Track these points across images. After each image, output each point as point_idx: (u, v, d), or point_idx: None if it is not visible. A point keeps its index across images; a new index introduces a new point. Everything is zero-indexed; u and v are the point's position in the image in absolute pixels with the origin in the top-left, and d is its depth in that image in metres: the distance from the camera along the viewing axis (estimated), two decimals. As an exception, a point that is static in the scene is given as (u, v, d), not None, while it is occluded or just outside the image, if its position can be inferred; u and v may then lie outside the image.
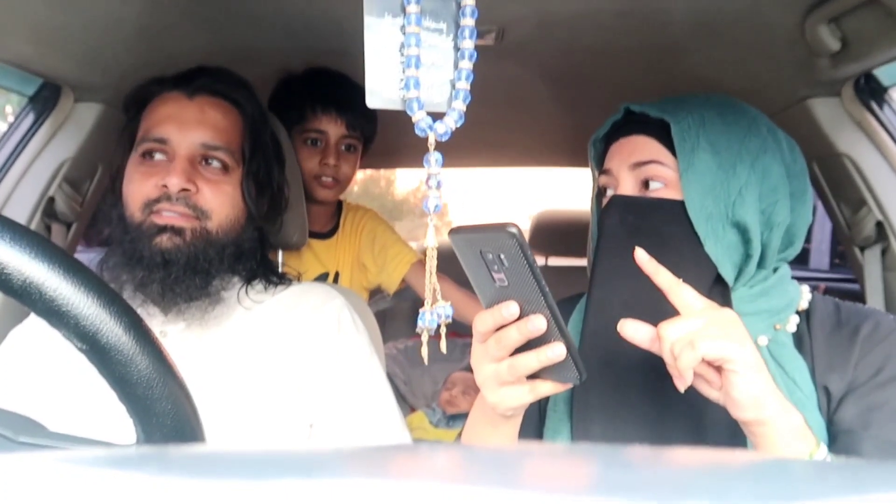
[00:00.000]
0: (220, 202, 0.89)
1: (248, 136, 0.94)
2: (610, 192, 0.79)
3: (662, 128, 0.75)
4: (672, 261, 0.73)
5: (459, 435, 0.84)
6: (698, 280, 0.72)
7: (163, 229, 0.85)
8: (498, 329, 0.59)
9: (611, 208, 0.77)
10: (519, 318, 0.58)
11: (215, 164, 0.90)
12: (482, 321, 0.60)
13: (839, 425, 0.69)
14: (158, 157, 0.88)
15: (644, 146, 0.76)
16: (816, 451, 0.61)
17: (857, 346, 0.71)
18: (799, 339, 0.76)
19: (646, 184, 0.76)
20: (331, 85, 1.34)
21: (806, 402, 0.71)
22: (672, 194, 0.74)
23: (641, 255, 0.61)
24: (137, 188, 0.86)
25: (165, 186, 0.85)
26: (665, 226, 0.74)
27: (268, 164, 0.97)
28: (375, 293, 1.87)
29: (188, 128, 0.88)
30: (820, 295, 0.80)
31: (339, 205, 1.55)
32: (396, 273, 1.52)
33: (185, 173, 0.86)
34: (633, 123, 0.79)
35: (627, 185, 0.77)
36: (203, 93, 0.91)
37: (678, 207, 0.73)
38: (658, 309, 0.71)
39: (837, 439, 0.68)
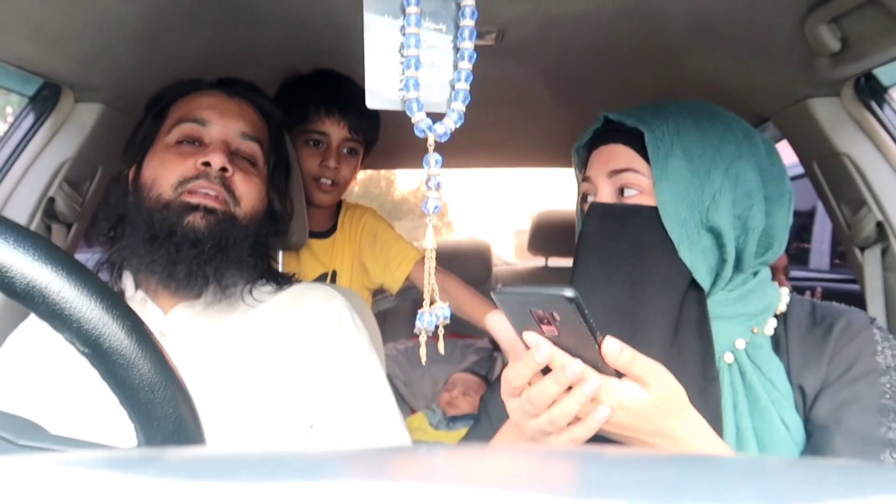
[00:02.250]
0: (249, 191, 0.92)
1: (274, 147, 0.99)
2: (591, 199, 0.81)
3: (638, 136, 0.76)
4: (647, 266, 0.74)
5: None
6: (673, 284, 0.74)
7: (195, 208, 0.86)
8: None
9: (590, 215, 0.79)
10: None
11: (247, 156, 0.94)
12: (517, 375, 0.60)
13: (814, 421, 0.71)
14: (193, 144, 0.91)
15: (620, 154, 0.78)
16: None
17: (830, 344, 0.73)
18: (776, 342, 0.77)
19: (622, 191, 0.78)
20: (336, 87, 1.34)
21: (783, 401, 0.72)
22: (647, 201, 0.76)
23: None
24: (172, 168, 0.88)
25: (206, 165, 0.87)
26: (641, 232, 0.75)
27: (286, 173, 1.04)
28: (378, 293, 1.87)
29: (229, 116, 0.93)
30: (798, 297, 0.82)
31: (337, 203, 1.54)
32: (400, 272, 1.51)
33: (226, 153, 0.89)
34: (611, 132, 0.80)
35: (605, 193, 0.79)
36: (241, 96, 0.97)
37: (653, 214, 0.74)
38: (635, 314, 0.72)
39: (812, 436, 0.70)
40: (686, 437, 0.62)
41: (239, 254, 0.89)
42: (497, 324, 0.62)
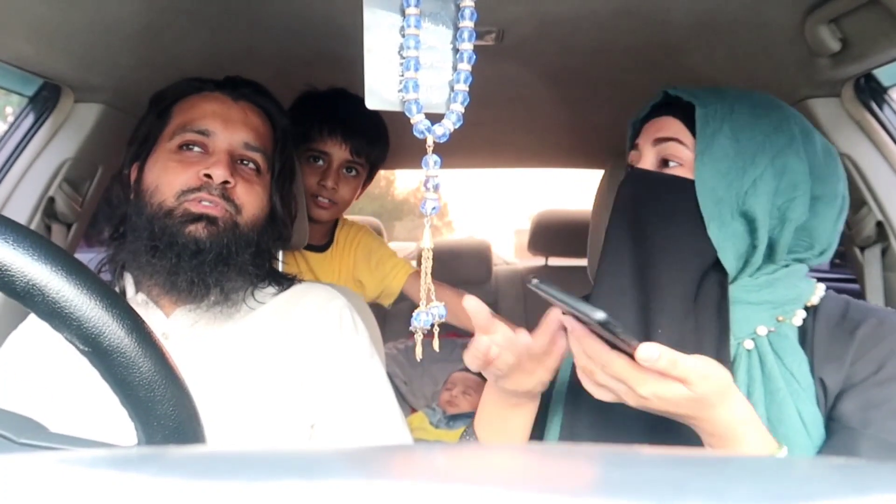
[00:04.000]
0: (252, 200, 0.91)
1: (280, 151, 0.98)
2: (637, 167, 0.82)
3: (691, 111, 0.77)
4: (674, 237, 0.75)
5: (465, 432, 0.85)
6: (694, 259, 0.74)
7: (198, 218, 0.86)
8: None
9: (626, 181, 0.81)
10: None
11: (250, 164, 0.93)
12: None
13: (838, 421, 0.70)
14: (196, 149, 0.91)
15: (668, 125, 0.79)
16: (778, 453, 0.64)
17: (854, 342, 0.72)
18: (803, 334, 0.76)
19: (665, 162, 0.78)
20: (342, 108, 1.34)
21: (802, 394, 0.71)
22: (687, 174, 0.76)
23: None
24: (174, 176, 0.88)
25: (208, 177, 0.87)
26: (673, 202, 0.76)
27: (291, 177, 1.03)
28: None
29: (233, 126, 0.92)
30: (834, 293, 0.80)
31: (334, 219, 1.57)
32: (394, 285, 1.54)
33: (229, 166, 0.88)
34: (665, 105, 0.81)
35: (648, 160, 0.80)
36: (246, 99, 0.96)
37: (689, 187, 0.75)
38: (653, 281, 0.73)
39: (836, 435, 0.69)
40: (728, 422, 0.61)
41: (241, 261, 0.89)
42: (474, 307, 0.64)
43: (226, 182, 0.88)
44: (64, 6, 0.95)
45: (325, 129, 1.35)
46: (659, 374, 0.58)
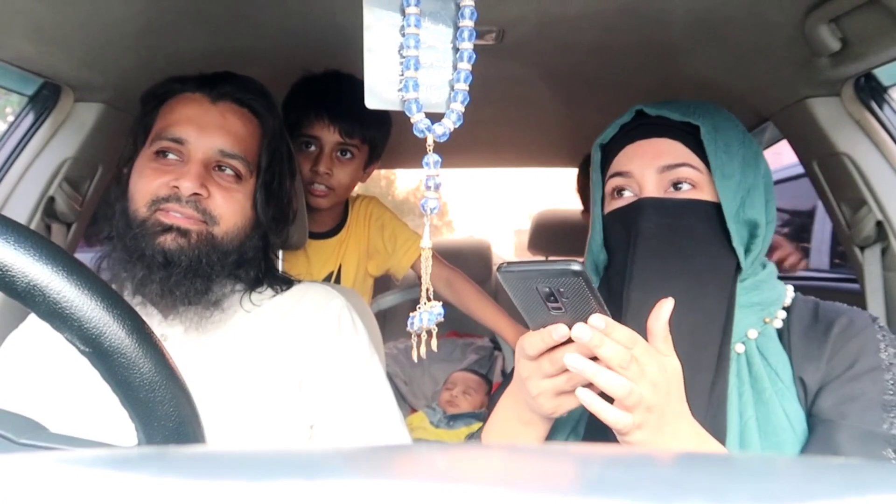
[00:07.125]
0: (230, 209, 0.88)
1: (266, 147, 0.94)
2: (628, 194, 0.80)
3: (684, 131, 0.77)
4: (703, 259, 0.76)
5: (472, 436, 0.84)
6: (724, 275, 0.76)
7: (168, 229, 0.84)
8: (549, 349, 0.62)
9: (644, 211, 0.77)
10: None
11: (229, 171, 0.90)
12: (532, 345, 0.62)
13: (817, 416, 0.72)
14: (172, 156, 0.88)
15: (671, 149, 0.77)
16: None
17: (829, 342, 0.74)
18: (780, 335, 0.79)
19: (675, 185, 0.77)
20: (327, 90, 1.32)
21: (787, 393, 0.74)
22: (700, 195, 0.76)
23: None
24: (146, 184, 0.86)
25: (177, 187, 0.85)
26: (698, 225, 0.76)
27: (281, 175, 0.98)
28: (378, 291, 1.88)
29: (208, 132, 0.88)
30: (801, 295, 0.83)
31: (344, 202, 1.53)
32: (406, 259, 1.53)
33: (199, 177, 0.85)
34: (650, 126, 0.79)
35: (652, 188, 0.78)
36: (227, 99, 0.92)
37: (710, 207, 0.76)
38: (698, 306, 0.73)
39: (816, 429, 0.71)
40: (685, 429, 0.63)
41: (217, 273, 0.87)
42: (531, 343, 0.63)
43: (197, 194, 0.85)
44: (64, 6, 0.95)
45: (312, 113, 1.32)
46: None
